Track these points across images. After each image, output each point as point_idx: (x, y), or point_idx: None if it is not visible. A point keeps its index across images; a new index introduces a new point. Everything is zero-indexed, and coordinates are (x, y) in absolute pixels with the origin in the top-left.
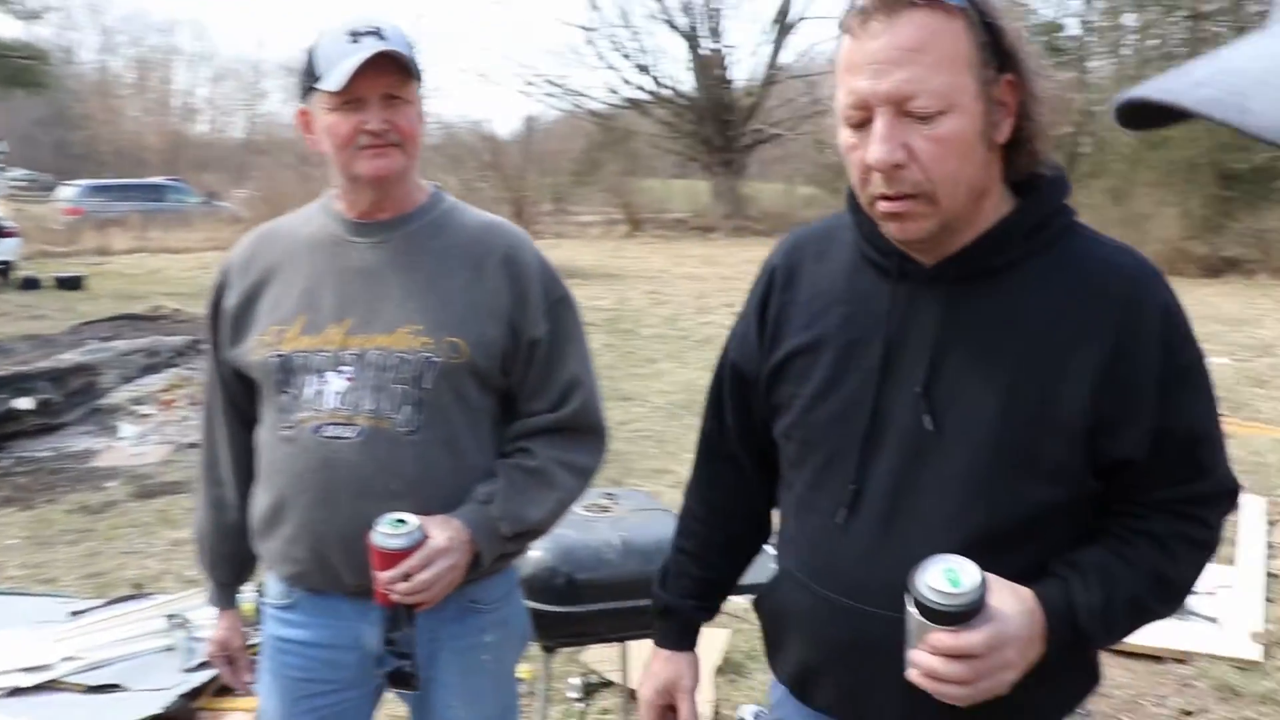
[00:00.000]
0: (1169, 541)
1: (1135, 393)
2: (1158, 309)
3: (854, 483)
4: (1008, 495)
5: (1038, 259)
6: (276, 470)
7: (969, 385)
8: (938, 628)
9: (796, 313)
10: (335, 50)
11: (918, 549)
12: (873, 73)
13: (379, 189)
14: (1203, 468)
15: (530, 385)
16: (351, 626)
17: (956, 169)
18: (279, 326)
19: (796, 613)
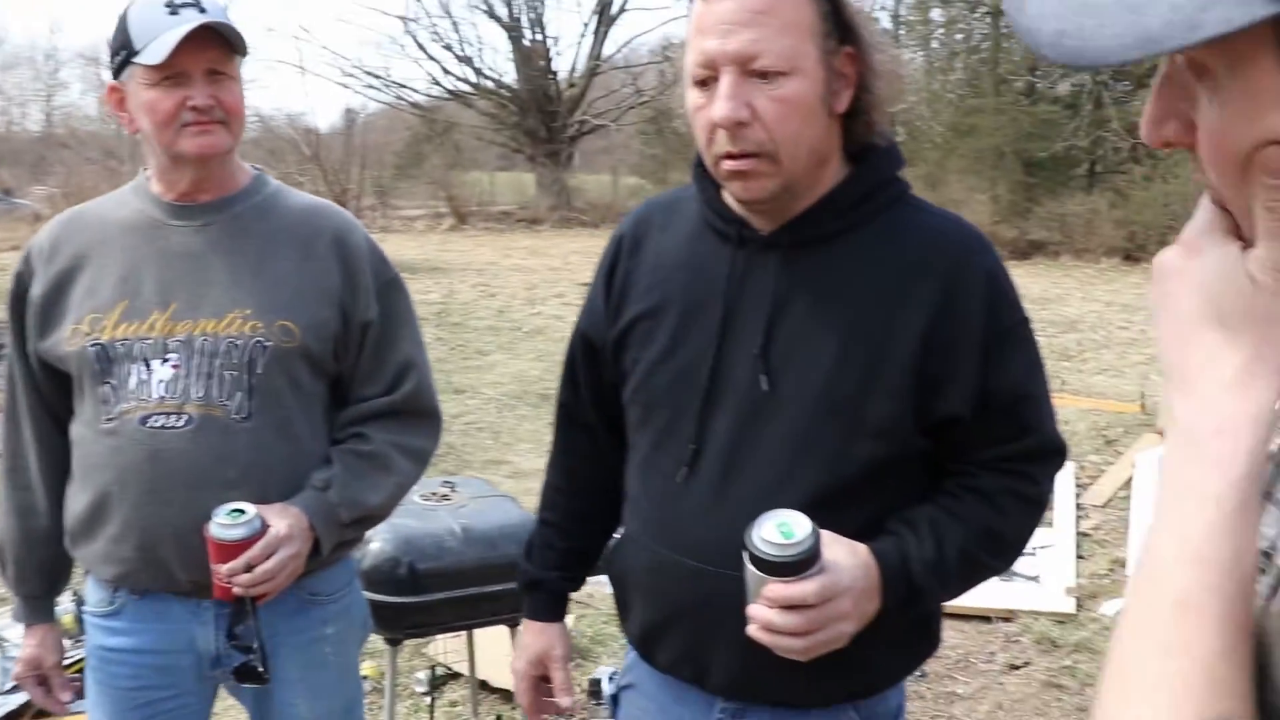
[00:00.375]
0: (998, 497)
1: (959, 352)
2: (982, 272)
3: (693, 442)
4: (838, 453)
5: (870, 226)
6: (97, 466)
7: (802, 347)
8: (772, 579)
9: (641, 279)
10: (153, 22)
11: (753, 507)
12: (720, 33)
13: (203, 168)
14: (1027, 426)
15: (363, 369)
16: (184, 628)
17: (798, 130)
18: (95, 314)
19: (639, 573)
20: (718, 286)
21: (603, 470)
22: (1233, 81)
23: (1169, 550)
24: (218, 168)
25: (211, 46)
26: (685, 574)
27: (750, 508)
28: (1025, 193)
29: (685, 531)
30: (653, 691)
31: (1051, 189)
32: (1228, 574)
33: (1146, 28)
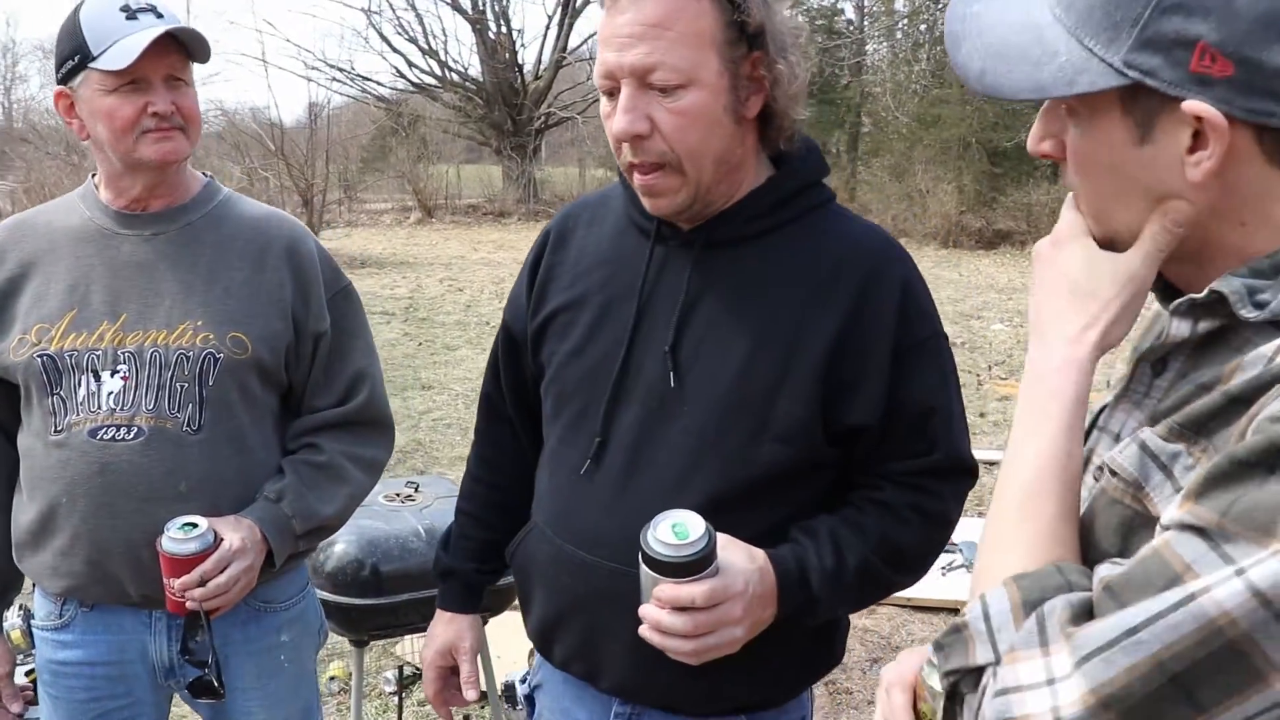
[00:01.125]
0: (901, 511)
1: (867, 360)
2: (896, 282)
3: (599, 435)
4: (741, 454)
5: (785, 230)
6: (45, 478)
7: (712, 345)
8: (664, 579)
9: (563, 273)
10: (110, 27)
11: (653, 503)
12: (618, 46)
13: (160, 174)
14: (935, 441)
15: (315, 380)
16: (136, 639)
17: (699, 141)
18: (43, 324)
19: (540, 565)
20: (634, 283)
21: (521, 463)
22: (1091, 123)
23: (1026, 449)
24: (172, 174)
25: (172, 52)
26: (582, 567)
27: (651, 504)
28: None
29: (585, 524)
30: (556, 691)
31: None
32: (1062, 466)
33: (1039, 79)
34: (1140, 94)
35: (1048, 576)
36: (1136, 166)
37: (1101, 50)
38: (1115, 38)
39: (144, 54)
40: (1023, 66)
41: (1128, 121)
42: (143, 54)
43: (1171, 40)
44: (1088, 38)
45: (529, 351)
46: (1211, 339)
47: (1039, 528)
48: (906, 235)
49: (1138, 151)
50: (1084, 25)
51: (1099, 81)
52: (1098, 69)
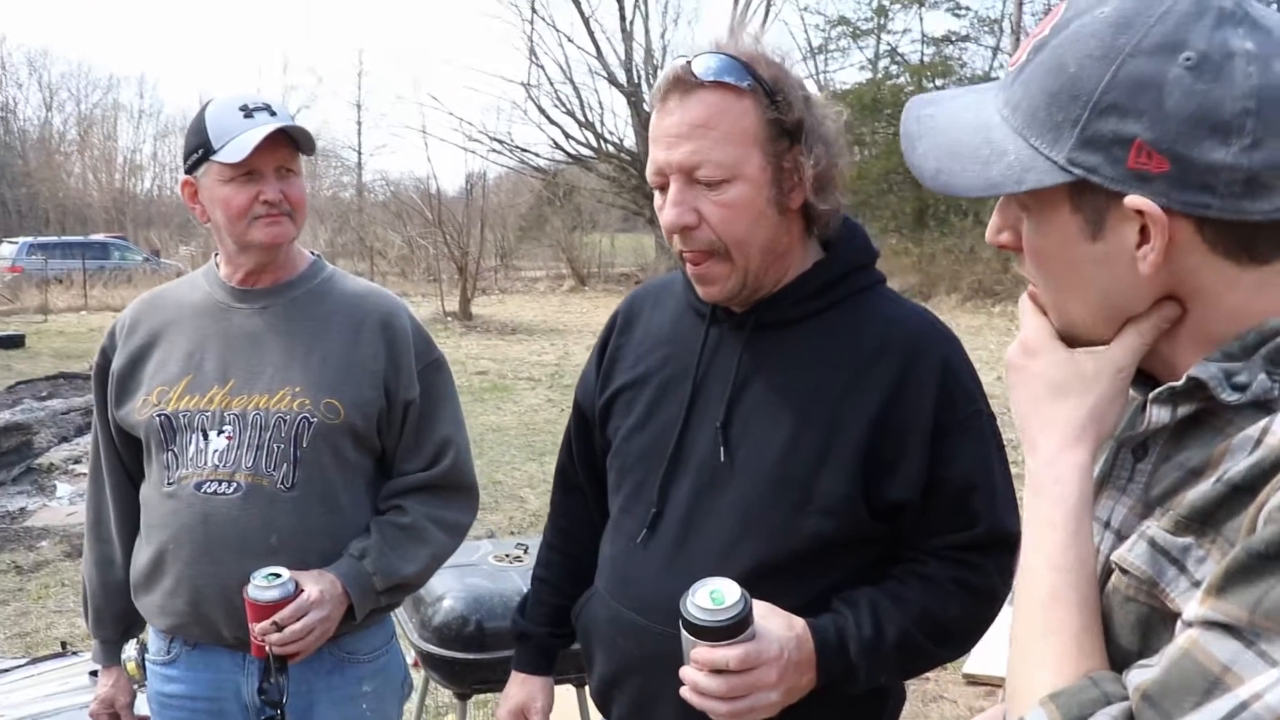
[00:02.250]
0: (944, 584)
1: (906, 438)
2: (937, 362)
3: (655, 505)
4: (785, 527)
5: (832, 313)
6: (158, 525)
7: (760, 422)
8: (700, 642)
9: (628, 354)
10: (230, 124)
11: (702, 571)
12: (667, 144)
13: (269, 255)
14: (976, 516)
15: (404, 445)
16: (230, 678)
17: (745, 231)
18: (163, 387)
19: (600, 627)
20: (690, 362)
21: (593, 533)
22: (1043, 218)
23: (1038, 562)
24: (280, 254)
25: (282, 147)
26: (637, 630)
27: (700, 571)
28: None
29: (640, 590)
30: None
31: None
32: (1077, 574)
33: (989, 177)
34: (1087, 191)
35: (1083, 691)
36: (1090, 262)
37: (1046, 149)
38: (1058, 137)
39: (257, 148)
40: (973, 165)
41: (1078, 218)
42: (256, 148)
43: (1109, 139)
44: (1033, 137)
45: (597, 427)
46: (1191, 421)
47: (1064, 640)
48: None
49: (1090, 247)
50: (1029, 126)
51: (1045, 179)
52: (1044, 166)
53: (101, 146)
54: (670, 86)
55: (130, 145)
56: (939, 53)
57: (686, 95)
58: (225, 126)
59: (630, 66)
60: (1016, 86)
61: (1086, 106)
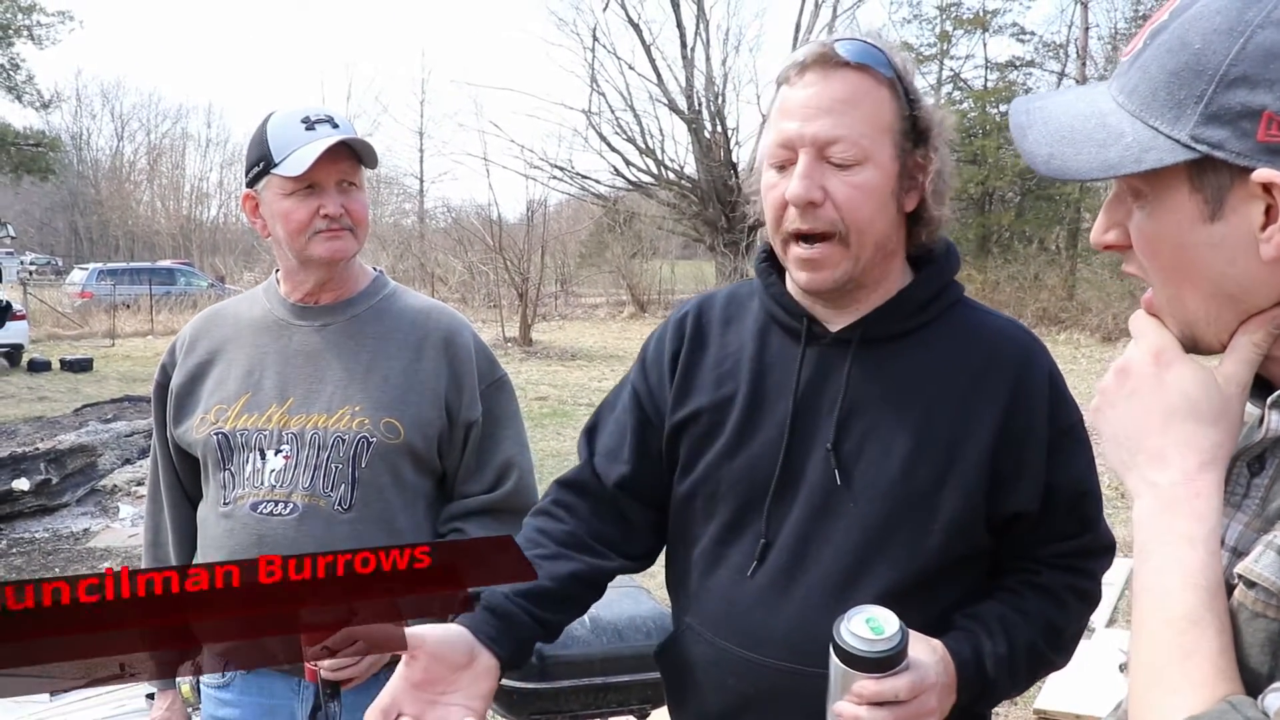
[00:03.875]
0: (1061, 594)
1: (1027, 450)
2: (1045, 372)
3: (765, 537)
4: (911, 548)
5: (935, 326)
6: (214, 546)
7: (874, 442)
8: (862, 675)
9: (705, 372)
10: (291, 136)
11: (821, 601)
12: (803, 116)
13: (330, 270)
14: (1088, 522)
15: (466, 467)
16: (285, 704)
17: (869, 216)
18: (221, 405)
19: (698, 666)
20: (785, 381)
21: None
22: (1159, 202)
23: (1172, 582)
24: (341, 270)
25: (343, 159)
26: (748, 667)
27: (818, 602)
28: None
29: (753, 625)
30: None
31: None
32: (1215, 595)
33: (1106, 159)
34: (1208, 169)
35: (1223, 716)
36: (1206, 246)
37: (1167, 128)
38: (1180, 115)
39: (318, 161)
40: (1089, 149)
41: (1197, 199)
42: (317, 161)
43: (1237, 112)
44: (1153, 118)
45: (664, 445)
46: None
47: (1201, 664)
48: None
49: (1208, 230)
50: (1148, 108)
51: (1166, 157)
52: (1165, 145)
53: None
54: (811, 62)
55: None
56: (1003, 78)
57: (829, 72)
58: (287, 139)
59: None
60: (1133, 72)
61: (1212, 80)
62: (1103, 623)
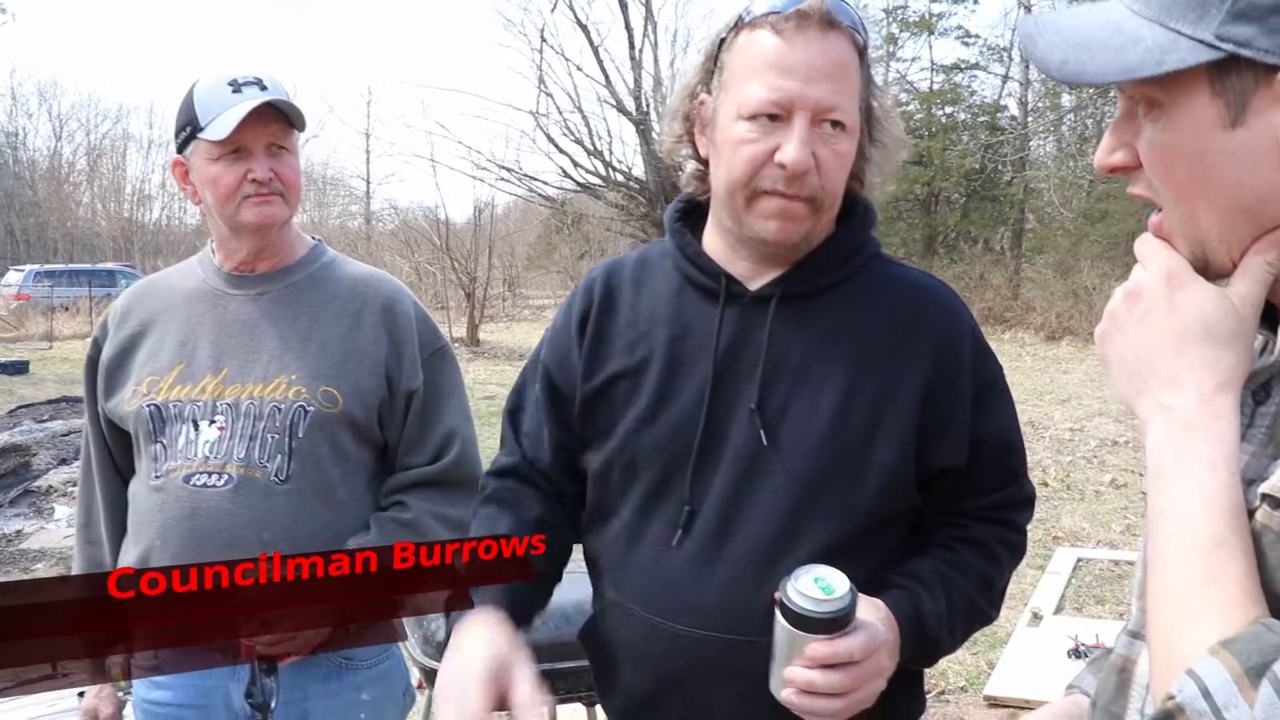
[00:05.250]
0: (992, 546)
1: (953, 403)
2: (967, 326)
3: (690, 504)
4: (839, 507)
5: (855, 281)
6: (144, 522)
7: (801, 401)
8: (814, 637)
9: (616, 336)
10: (217, 99)
11: (752, 566)
12: (805, 76)
13: (262, 237)
14: (1012, 474)
15: (408, 437)
16: (221, 685)
17: (840, 185)
18: (153, 376)
19: (626, 643)
20: (704, 343)
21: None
22: (1176, 109)
23: (1193, 505)
24: (275, 238)
25: (272, 122)
26: (679, 641)
27: (749, 568)
28: None
29: (681, 596)
30: None
31: None
32: (1239, 516)
33: (1125, 62)
34: (1231, 72)
35: (1260, 637)
36: (1225, 155)
37: (1189, 29)
38: (1203, 15)
39: (245, 124)
40: (1105, 54)
41: (1218, 103)
42: (244, 124)
43: (1267, 8)
44: (1173, 21)
45: (578, 412)
46: None
47: (1230, 587)
48: (1072, 334)
49: (1228, 136)
50: (1168, 11)
51: (1189, 58)
52: (1187, 46)
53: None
54: (809, 15)
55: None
56: (948, 80)
57: (828, 30)
58: (213, 102)
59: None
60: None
61: None
62: (1050, 610)
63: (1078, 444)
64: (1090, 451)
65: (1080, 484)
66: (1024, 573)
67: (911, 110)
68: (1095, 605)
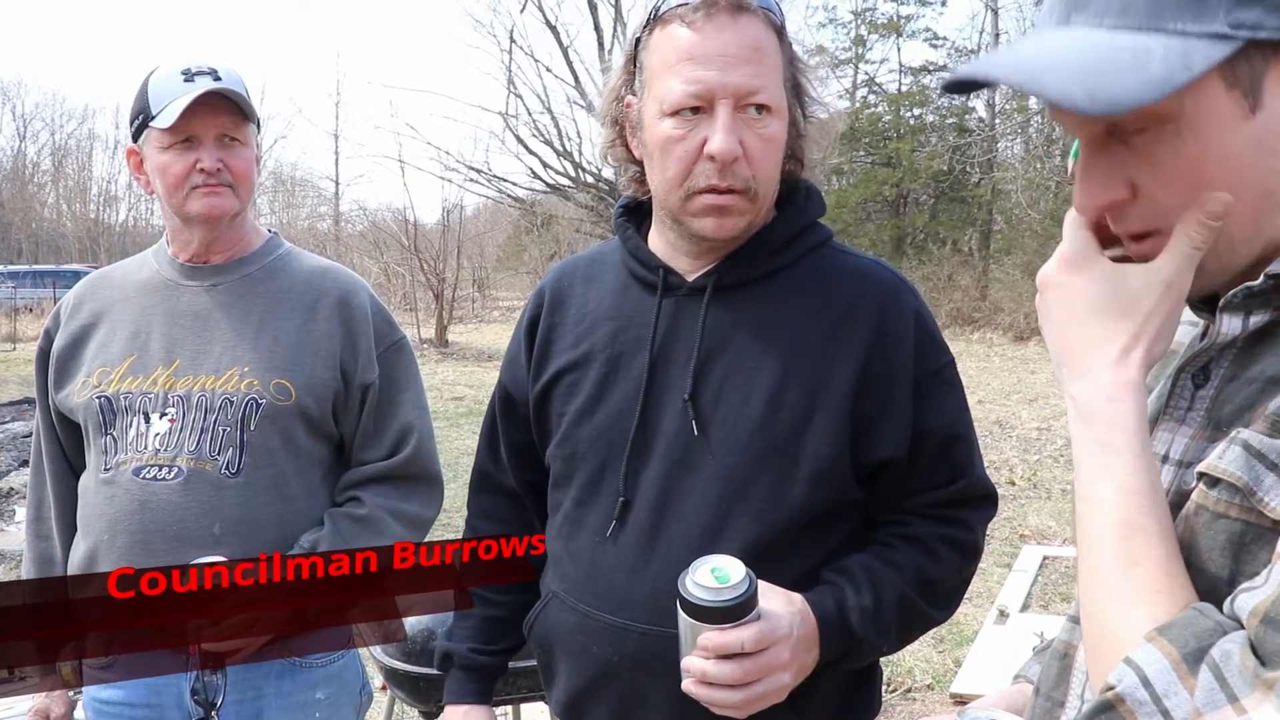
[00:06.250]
0: (933, 544)
1: (891, 392)
2: (910, 313)
3: (623, 494)
4: (771, 498)
5: (794, 270)
6: (95, 515)
7: (732, 390)
8: (708, 626)
9: (564, 333)
10: (169, 88)
11: (684, 557)
12: (722, 64)
13: (212, 229)
14: (960, 468)
15: (364, 431)
16: (173, 683)
17: (773, 170)
18: (104, 368)
19: (564, 635)
20: (643, 335)
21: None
22: (1198, 115)
23: (1105, 491)
24: (227, 230)
25: (223, 113)
26: (614, 633)
27: (681, 559)
28: None
29: (614, 587)
30: None
31: None
32: (1152, 498)
33: (1152, 76)
34: (1240, 60)
35: (1194, 622)
36: (1250, 145)
37: (1196, 26)
38: (1203, 8)
39: (196, 113)
40: (1124, 75)
41: (1235, 94)
42: (193, 113)
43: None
44: (1171, 23)
45: (532, 415)
46: (1258, 336)
47: (1151, 571)
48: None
49: (1250, 125)
50: (1158, 14)
51: (1214, 54)
52: (1203, 44)
53: (76, 176)
54: (716, 3)
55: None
56: (916, 82)
57: (737, 15)
58: (165, 90)
59: None
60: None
61: None
62: (1016, 608)
63: (1045, 443)
64: (1057, 450)
65: (1047, 482)
66: (990, 571)
67: (880, 112)
68: (1061, 603)
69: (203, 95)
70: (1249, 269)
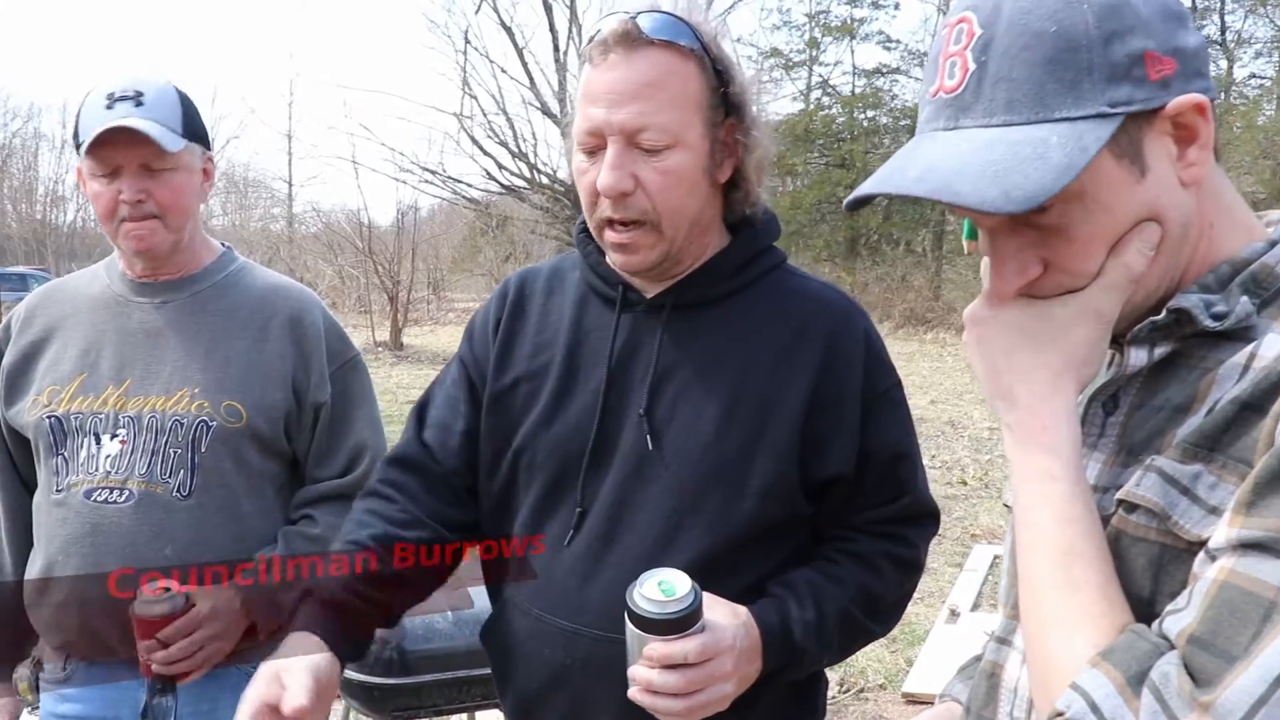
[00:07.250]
0: (877, 561)
1: (841, 413)
2: (860, 335)
3: (580, 505)
4: (723, 513)
5: (749, 291)
6: (46, 536)
7: (686, 407)
8: (653, 637)
9: (523, 341)
10: (94, 114)
11: (635, 568)
12: (609, 103)
13: (148, 259)
14: (904, 485)
15: (317, 449)
16: (129, 696)
17: (681, 201)
18: (55, 386)
19: (518, 639)
20: (601, 349)
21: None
22: (1097, 189)
23: (1043, 518)
24: (165, 258)
25: (144, 143)
26: (566, 638)
27: (632, 568)
28: None
29: (566, 595)
30: None
31: None
32: (1088, 524)
33: (1057, 163)
34: (1120, 132)
35: (1134, 645)
36: (1143, 202)
37: (1078, 110)
38: (1080, 94)
39: (116, 143)
40: (1031, 167)
41: (1124, 164)
42: (115, 143)
43: (1127, 63)
44: (1053, 111)
45: (487, 410)
46: (1162, 366)
47: (1093, 595)
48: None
49: (1143, 188)
50: (1044, 106)
51: (1104, 133)
52: (1090, 126)
53: (22, 176)
54: (614, 41)
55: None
56: (870, 84)
57: (632, 51)
58: (90, 117)
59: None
60: (990, 92)
61: (1091, 48)
62: (968, 607)
63: (996, 443)
64: None
65: (998, 482)
66: (942, 570)
67: (834, 114)
68: None
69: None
70: (1154, 307)
